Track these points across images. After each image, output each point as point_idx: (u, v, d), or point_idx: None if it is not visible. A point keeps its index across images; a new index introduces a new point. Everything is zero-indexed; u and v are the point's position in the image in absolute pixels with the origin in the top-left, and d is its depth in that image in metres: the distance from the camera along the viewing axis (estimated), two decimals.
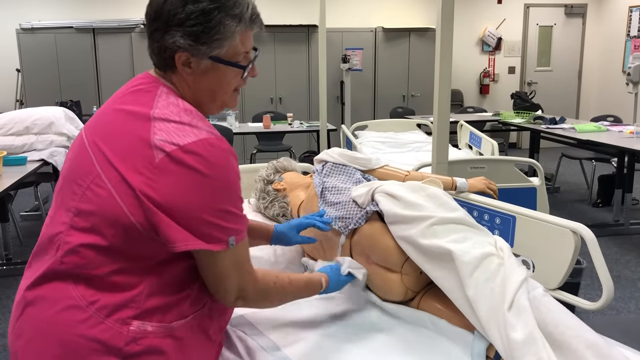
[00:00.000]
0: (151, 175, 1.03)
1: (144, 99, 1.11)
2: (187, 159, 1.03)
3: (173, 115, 1.08)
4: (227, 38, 1.12)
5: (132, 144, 1.05)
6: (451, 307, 1.47)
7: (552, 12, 8.70)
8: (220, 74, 1.16)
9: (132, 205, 1.03)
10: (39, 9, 7.36)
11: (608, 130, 5.09)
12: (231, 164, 1.08)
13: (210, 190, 1.04)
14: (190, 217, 1.04)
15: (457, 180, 2.06)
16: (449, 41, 2.42)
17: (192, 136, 1.05)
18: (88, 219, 1.06)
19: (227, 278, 1.13)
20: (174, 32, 1.10)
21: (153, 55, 1.16)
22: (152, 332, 1.09)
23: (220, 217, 1.06)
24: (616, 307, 3.22)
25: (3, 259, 4.02)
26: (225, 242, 1.08)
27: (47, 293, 1.08)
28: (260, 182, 2.16)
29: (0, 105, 7.30)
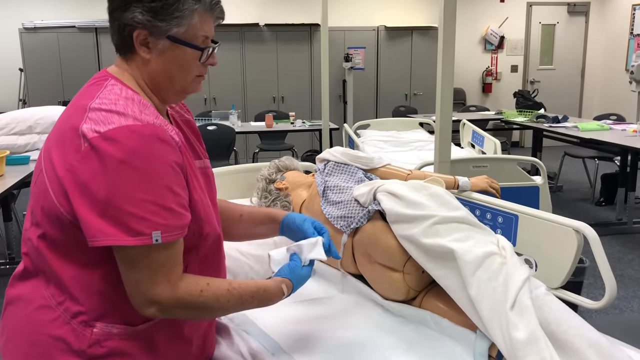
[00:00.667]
0: (75, 163, 1.01)
1: (91, 92, 1.10)
2: (105, 146, 1.00)
3: (108, 105, 1.05)
4: (185, 16, 1.11)
5: (66, 135, 1.05)
6: (453, 306, 1.47)
7: (555, 11, 8.68)
8: (178, 55, 1.13)
9: (60, 195, 1.03)
10: (41, 8, 7.37)
11: (611, 129, 5.07)
12: (155, 152, 1.03)
13: (129, 178, 1.00)
14: (109, 207, 0.99)
15: (460, 179, 2.05)
16: (451, 40, 2.42)
17: (115, 123, 1.02)
18: (35, 214, 1.09)
19: (143, 281, 1.04)
20: (133, 8, 1.09)
21: (113, 35, 1.14)
22: (117, 334, 1.09)
23: (142, 208, 1.00)
24: (619, 306, 3.22)
25: (6, 257, 4.03)
26: (149, 237, 1.01)
27: (24, 292, 1.12)
28: (262, 181, 2.16)
29: (3, 104, 7.31)
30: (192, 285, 1.09)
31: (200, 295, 1.09)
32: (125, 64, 1.16)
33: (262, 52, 7.58)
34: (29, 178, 3.56)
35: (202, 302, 1.09)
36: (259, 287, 1.19)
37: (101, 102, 1.06)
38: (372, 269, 1.65)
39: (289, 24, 7.55)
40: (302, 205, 2.00)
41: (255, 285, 1.19)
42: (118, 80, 1.13)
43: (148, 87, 1.16)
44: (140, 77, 1.15)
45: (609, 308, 3.12)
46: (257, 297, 1.18)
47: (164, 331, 1.15)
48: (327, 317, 1.59)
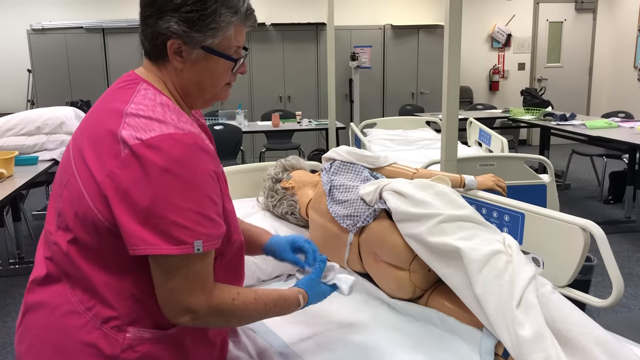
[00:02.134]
0: (115, 169, 1.00)
1: (123, 96, 1.09)
2: (148, 153, 0.99)
3: (145, 111, 1.05)
4: (221, 28, 1.11)
5: (103, 140, 1.03)
6: (459, 304, 1.47)
7: (562, 8, 8.63)
8: (211, 65, 1.14)
9: (98, 201, 1.02)
10: (49, 9, 7.42)
11: (619, 127, 5.04)
12: (197, 161, 1.02)
13: (171, 186, 0.99)
14: (151, 215, 0.98)
15: (466, 177, 2.05)
16: (457, 38, 2.41)
17: (157, 131, 1.01)
18: (65, 219, 1.07)
19: (180, 290, 1.03)
20: (169, 18, 1.08)
21: (145, 41, 1.14)
22: (149, 338, 1.08)
23: (185, 217, 1.00)
24: (627, 304, 3.20)
25: (16, 257, 4.06)
26: (190, 246, 1.00)
27: (47, 298, 1.09)
28: (269, 180, 2.17)
29: (12, 105, 7.36)
30: (225, 294, 1.10)
31: (232, 304, 1.10)
32: (155, 68, 1.15)
33: (268, 51, 7.59)
34: (38, 178, 3.59)
35: (234, 310, 1.11)
36: (280, 296, 1.22)
37: (137, 108, 1.05)
38: (378, 267, 1.66)
39: (295, 23, 7.56)
40: (308, 205, 2.01)
41: (277, 294, 1.22)
42: (150, 84, 1.12)
43: (178, 93, 1.16)
44: (171, 83, 1.15)
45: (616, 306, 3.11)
46: (278, 305, 1.21)
47: (192, 335, 1.15)
48: (333, 316, 1.60)
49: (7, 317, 3.24)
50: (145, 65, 1.17)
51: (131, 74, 1.16)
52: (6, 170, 3.35)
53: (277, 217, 2.16)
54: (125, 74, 1.18)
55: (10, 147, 4.00)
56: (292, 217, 2.10)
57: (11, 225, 4.19)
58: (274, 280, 1.92)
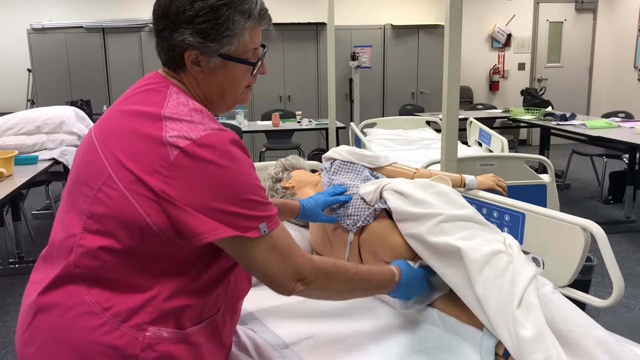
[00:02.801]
0: (168, 173, 1.01)
1: (155, 99, 1.10)
2: (201, 152, 1.02)
3: (184, 115, 1.07)
4: (236, 34, 1.12)
5: (144, 144, 1.03)
6: (460, 304, 1.47)
7: (563, 8, 8.63)
8: (230, 72, 1.15)
9: (147, 206, 1.02)
10: (49, 9, 7.42)
11: (619, 127, 5.04)
12: (242, 155, 1.08)
13: (229, 181, 1.04)
14: (214, 210, 1.02)
15: (466, 177, 2.05)
16: (457, 38, 2.41)
17: (203, 131, 1.04)
18: (101, 222, 1.05)
19: (272, 265, 1.10)
20: (183, 30, 1.09)
21: (162, 54, 1.15)
22: (168, 337, 1.07)
23: (245, 207, 1.05)
24: (628, 304, 3.20)
25: (15, 257, 4.06)
26: (257, 229, 1.06)
27: (60, 299, 1.07)
28: (269, 180, 2.16)
29: (12, 105, 7.36)
30: (324, 258, 1.20)
31: (334, 266, 1.19)
32: (177, 75, 1.17)
33: (268, 51, 7.55)
34: (38, 178, 3.59)
35: (338, 272, 1.20)
36: (376, 268, 1.35)
37: (175, 112, 1.07)
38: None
39: (295, 22, 7.56)
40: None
41: (374, 267, 1.35)
42: (179, 88, 1.14)
43: (201, 100, 1.18)
44: (193, 90, 1.17)
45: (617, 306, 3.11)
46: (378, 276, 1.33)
47: (207, 335, 1.15)
48: (333, 316, 1.60)
49: (7, 316, 3.24)
50: (167, 71, 1.18)
51: (157, 76, 1.16)
52: (6, 169, 3.35)
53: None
54: (148, 75, 1.18)
55: (10, 146, 3.99)
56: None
57: (11, 225, 4.19)
58: None
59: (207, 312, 1.15)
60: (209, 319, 1.15)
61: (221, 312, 1.19)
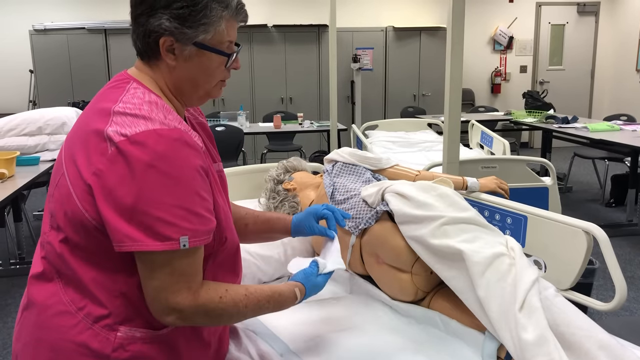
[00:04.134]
0: (102, 167, 1.00)
1: (112, 96, 1.09)
2: (133, 149, 0.99)
3: (132, 109, 1.05)
4: (212, 23, 1.11)
5: (90, 139, 1.03)
6: (462, 307, 1.46)
7: (565, 11, 8.63)
8: (204, 61, 1.13)
9: (85, 200, 1.02)
10: (51, 10, 7.43)
11: (621, 130, 5.04)
12: (183, 157, 1.02)
13: (157, 183, 0.99)
14: (136, 211, 0.98)
15: (468, 179, 2.05)
16: (459, 40, 2.41)
17: (142, 127, 1.01)
18: (57, 219, 1.07)
19: (165, 288, 1.02)
20: (160, 15, 1.08)
21: (137, 41, 1.13)
22: (140, 337, 1.08)
23: (171, 213, 0.99)
24: (630, 308, 3.19)
25: (16, 258, 4.06)
26: (176, 242, 1.00)
27: (40, 297, 1.09)
28: (271, 181, 2.16)
29: (14, 105, 7.37)
30: (212, 292, 1.08)
31: (220, 302, 1.08)
32: (147, 67, 1.15)
33: (270, 53, 7.59)
34: (40, 179, 3.59)
35: (222, 308, 1.09)
36: (273, 292, 1.19)
37: (125, 106, 1.05)
38: (380, 269, 1.65)
39: (297, 24, 7.56)
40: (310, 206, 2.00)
41: (270, 289, 1.19)
42: (140, 83, 1.12)
43: (170, 91, 1.16)
44: (164, 81, 1.15)
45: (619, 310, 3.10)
46: (272, 301, 1.18)
47: (184, 335, 1.15)
48: (335, 318, 1.59)
49: (8, 317, 3.24)
50: (137, 65, 1.17)
51: (123, 74, 1.16)
52: (7, 170, 3.35)
53: None
54: (117, 74, 1.18)
55: (12, 147, 4.00)
56: None
57: (12, 226, 4.19)
58: (275, 282, 1.92)
59: None
60: None
61: None
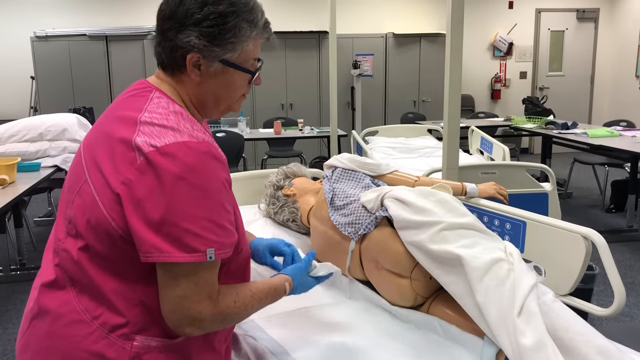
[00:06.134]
0: (130, 177, 1.00)
1: (136, 104, 1.10)
2: (162, 161, 0.99)
3: (159, 119, 1.05)
4: (240, 42, 1.13)
5: (117, 148, 1.04)
6: (461, 312, 1.47)
7: (564, 17, 8.66)
8: (228, 78, 1.16)
9: (112, 209, 1.02)
10: (53, 17, 7.46)
11: (621, 135, 5.05)
12: (211, 169, 1.03)
13: (186, 194, 0.99)
14: (165, 222, 0.98)
15: (467, 185, 2.05)
16: (458, 46, 2.42)
17: (171, 138, 1.02)
18: (77, 226, 1.06)
19: (188, 298, 1.02)
20: (189, 32, 1.09)
21: (162, 53, 1.14)
22: (156, 347, 1.08)
23: (198, 225, 1.00)
24: (630, 313, 3.19)
25: (17, 264, 4.06)
26: (203, 254, 1.00)
27: (53, 306, 1.08)
28: (270, 187, 2.17)
29: (15, 112, 7.39)
30: (228, 298, 1.10)
31: (234, 307, 1.11)
32: (170, 79, 1.16)
33: (271, 59, 7.61)
34: (40, 185, 3.60)
35: (235, 312, 1.11)
36: (270, 287, 1.23)
37: (151, 116, 1.06)
38: (380, 275, 1.66)
39: (297, 31, 7.58)
40: (309, 212, 2.01)
41: (268, 285, 1.22)
42: (163, 92, 1.13)
43: (192, 104, 1.17)
44: (186, 94, 1.16)
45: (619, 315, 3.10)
46: (269, 296, 1.22)
47: (198, 344, 1.15)
48: (334, 324, 1.59)
49: (8, 323, 3.24)
50: (159, 75, 1.18)
51: (143, 82, 1.16)
52: (8, 176, 3.36)
53: (279, 224, 2.16)
54: (136, 82, 1.18)
55: (13, 153, 4.01)
56: (293, 225, 2.10)
57: (13, 232, 4.20)
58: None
59: None
60: None
61: None
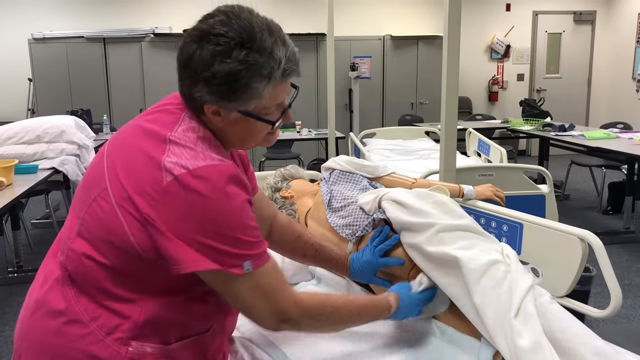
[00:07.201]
0: (157, 197, 1.01)
1: (166, 120, 1.10)
2: (194, 183, 1.01)
3: (189, 142, 1.06)
4: (253, 97, 1.08)
5: (142, 164, 1.04)
6: (458, 314, 1.47)
7: (561, 19, 8.68)
8: (250, 125, 1.13)
9: (133, 225, 1.02)
10: (50, 19, 7.46)
11: (618, 137, 5.06)
12: (240, 191, 1.06)
13: (217, 217, 1.02)
14: (197, 242, 1.01)
15: (464, 187, 2.06)
16: (456, 49, 2.43)
17: (201, 162, 1.03)
18: (90, 231, 1.06)
19: (255, 305, 1.10)
20: (201, 87, 1.06)
21: (184, 94, 1.13)
22: (151, 353, 1.08)
23: (231, 244, 1.03)
24: (627, 315, 3.20)
25: (14, 266, 4.06)
26: (240, 267, 1.05)
27: (53, 302, 1.08)
28: (268, 189, 2.17)
29: (13, 114, 7.38)
30: (314, 297, 1.19)
31: (322, 305, 1.19)
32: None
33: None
34: (38, 187, 3.59)
35: (326, 312, 1.19)
36: (370, 300, 1.33)
37: (180, 137, 1.06)
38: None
39: (295, 33, 7.59)
40: (307, 214, 2.01)
41: (367, 298, 1.32)
42: (194, 113, 1.12)
43: (219, 137, 1.15)
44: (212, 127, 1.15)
45: (616, 317, 3.11)
46: (369, 308, 1.30)
47: (192, 351, 1.16)
48: None
49: (5, 325, 3.23)
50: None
51: (176, 97, 1.16)
52: (6, 178, 3.35)
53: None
54: (171, 94, 1.17)
55: (10, 155, 4.01)
56: None
57: (10, 234, 4.19)
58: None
59: (194, 329, 1.16)
60: (197, 336, 1.16)
61: (211, 331, 1.20)
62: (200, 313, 1.16)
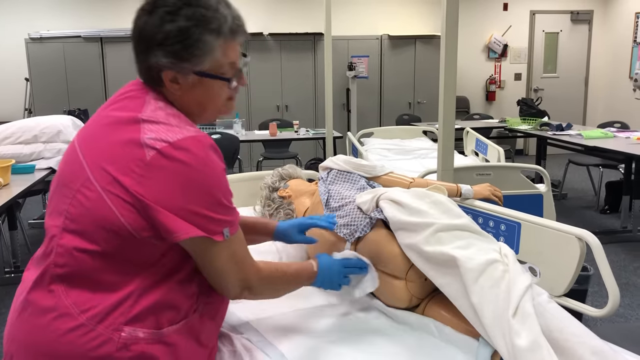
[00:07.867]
0: (143, 172, 1.06)
1: (133, 105, 1.15)
2: (177, 154, 1.06)
3: (160, 119, 1.12)
4: (207, 53, 1.15)
5: (122, 146, 1.08)
6: (456, 313, 1.47)
7: (558, 19, 8.69)
8: (207, 87, 1.19)
9: (122, 207, 1.06)
10: (47, 18, 7.44)
11: (615, 137, 5.07)
12: (216, 160, 1.12)
13: (202, 184, 1.08)
14: (185, 211, 1.06)
15: (462, 187, 2.06)
16: (453, 48, 2.43)
17: (180, 134, 1.09)
18: (78, 222, 1.08)
19: (228, 272, 1.17)
20: (156, 52, 1.14)
21: (141, 73, 1.20)
22: (144, 338, 1.10)
23: (213, 210, 1.10)
24: (625, 314, 3.20)
25: (11, 266, 4.05)
26: (221, 234, 1.11)
27: (40, 301, 1.09)
28: (266, 189, 2.17)
29: (9, 113, 7.36)
30: (269, 266, 1.29)
31: (276, 271, 1.30)
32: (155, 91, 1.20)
33: (266, 61, 7.61)
34: (35, 187, 3.59)
35: (279, 278, 1.31)
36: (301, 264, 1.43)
37: (153, 115, 1.12)
38: None
39: (293, 33, 7.59)
40: (305, 213, 2.01)
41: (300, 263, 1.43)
42: (158, 94, 1.18)
43: (180, 109, 1.20)
44: (174, 101, 1.20)
45: (614, 316, 3.11)
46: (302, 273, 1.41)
47: (184, 335, 1.17)
48: (329, 325, 1.59)
49: (2, 326, 3.22)
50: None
51: (137, 83, 1.21)
52: (3, 178, 3.34)
53: None
54: (130, 82, 1.22)
55: (7, 155, 4.00)
56: None
57: (7, 234, 4.18)
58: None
59: (183, 311, 1.17)
60: (186, 319, 1.18)
61: (198, 313, 1.21)
62: (187, 293, 1.18)
